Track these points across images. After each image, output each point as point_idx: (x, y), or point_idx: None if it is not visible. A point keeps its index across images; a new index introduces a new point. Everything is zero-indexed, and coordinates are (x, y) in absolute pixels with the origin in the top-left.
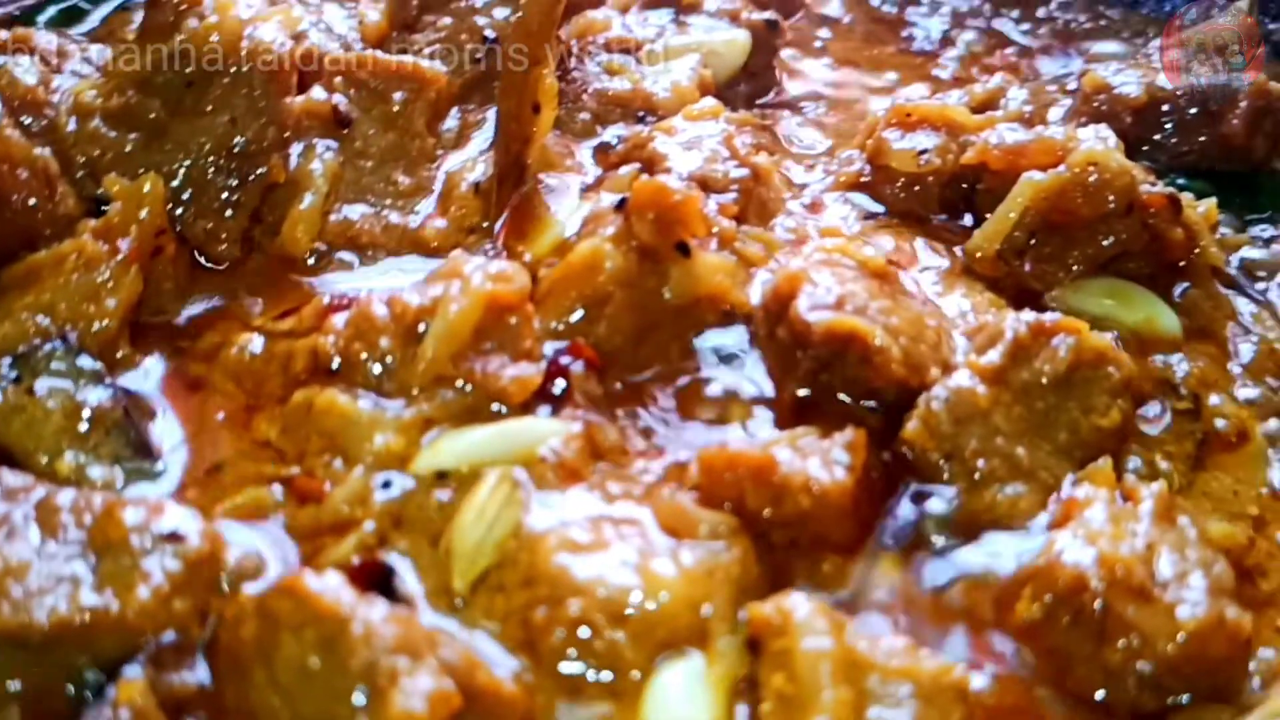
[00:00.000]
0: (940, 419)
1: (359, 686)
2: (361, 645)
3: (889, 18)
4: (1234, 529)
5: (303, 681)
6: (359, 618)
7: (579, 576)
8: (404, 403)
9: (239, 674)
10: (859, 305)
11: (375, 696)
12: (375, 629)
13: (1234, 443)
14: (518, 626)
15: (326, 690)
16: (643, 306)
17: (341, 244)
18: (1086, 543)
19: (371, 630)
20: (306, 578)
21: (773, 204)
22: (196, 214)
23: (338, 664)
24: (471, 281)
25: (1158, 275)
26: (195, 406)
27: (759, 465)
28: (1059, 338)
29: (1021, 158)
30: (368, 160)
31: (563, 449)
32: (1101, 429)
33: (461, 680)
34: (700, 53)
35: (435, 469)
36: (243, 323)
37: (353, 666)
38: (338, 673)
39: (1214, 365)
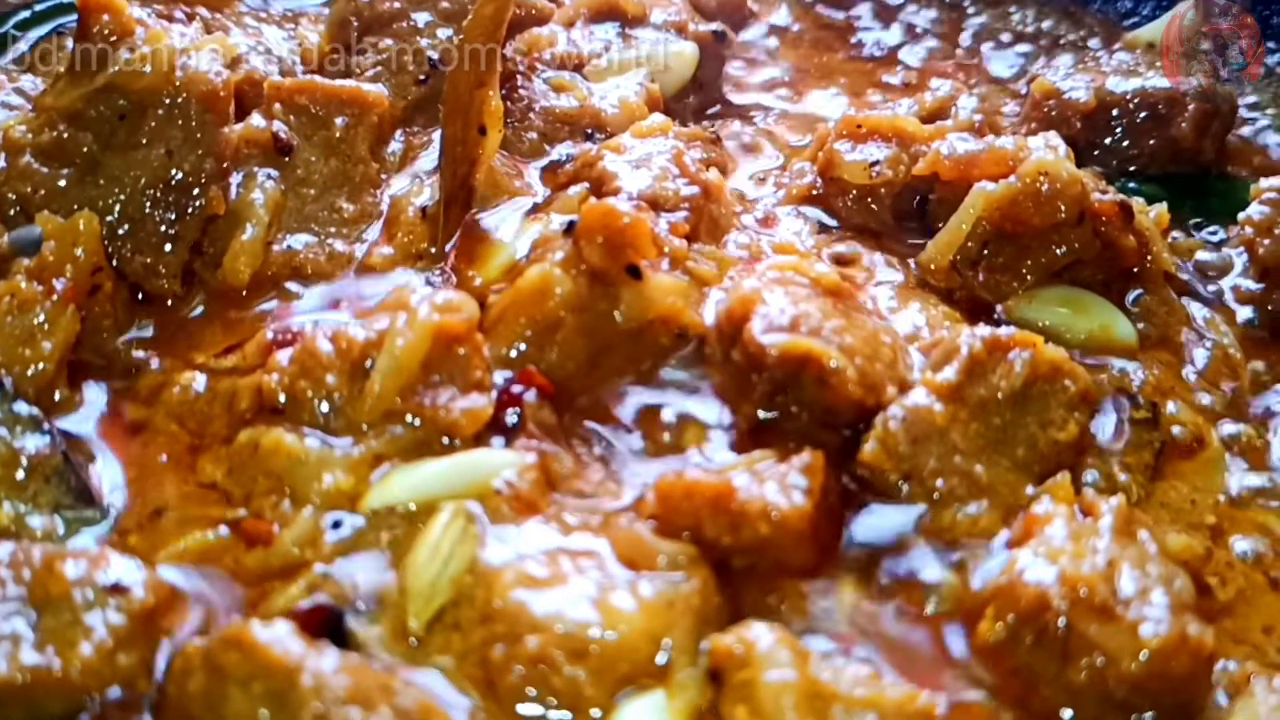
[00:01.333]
0: (897, 439)
1: None
2: (312, 697)
3: (837, 24)
4: (1192, 541)
5: None
6: (308, 669)
7: (537, 612)
8: (352, 440)
9: None
10: (813, 326)
11: None
12: (326, 680)
13: (1191, 450)
14: (476, 665)
15: None
16: (594, 331)
17: (286, 274)
18: (1048, 561)
19: (322, 681)
20: (253, 628)
21: (725, 220)
22: (134, 249)
23: (289, 718)
24: (418, 314)
25: (1111, 282)
26: (137, 448)
27: (716, 493)
28: (1015, 352)
29: (973, 168)
30: (310, 188)
31: (517, 480)
32: (1059, 443)
33: None
34: (647, 67)
35: (386, 506)
36: (185, 360)
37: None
38: None
39: (1169, 372)
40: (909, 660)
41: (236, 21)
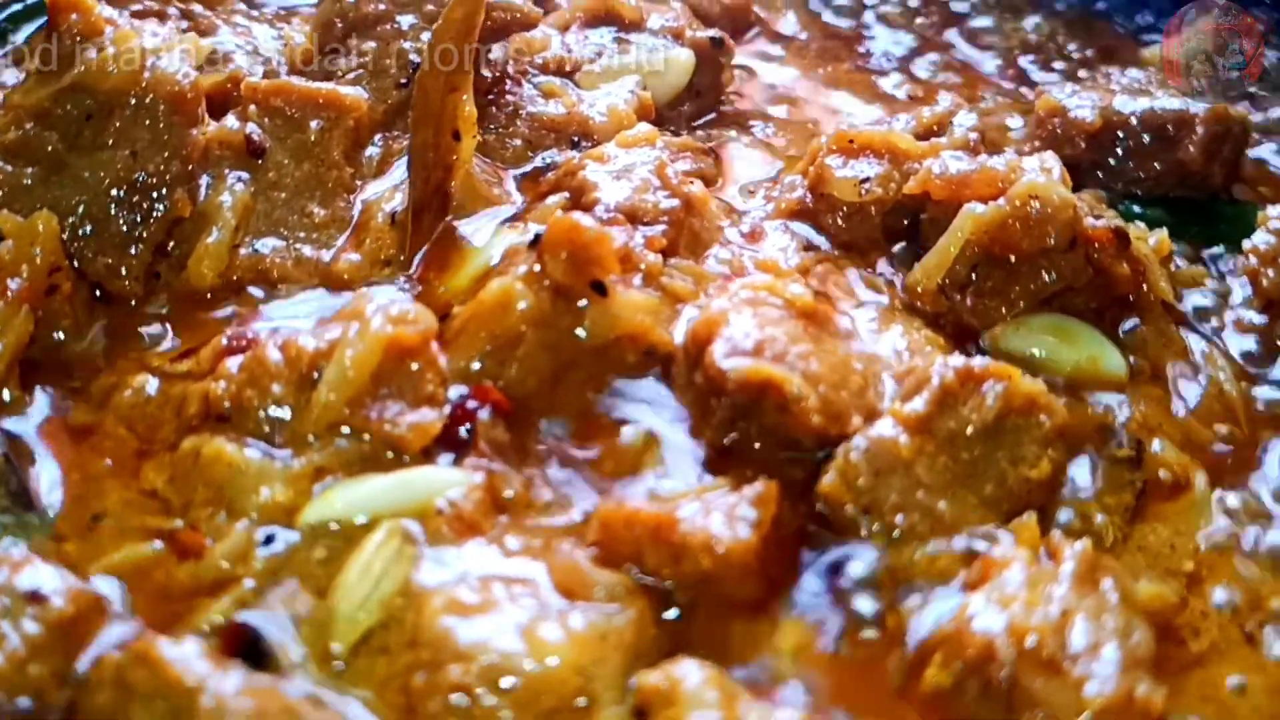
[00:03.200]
0: (858, 471)
1: None
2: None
3: (845, 34)
4: (1164, 589)
5: None
6: (210, 690)
7: (462, 640)
8: (294, 452)
9: None
10: (778, 351)
11: None
12: (226, 702)
13: (1174, 491)
14: (398, 692)
15: None
16: (557, 347)
17: (251, 279)
18: (999, 608)
19: (222, 704)
20: (161, 645)
21: (707, 234)
22: (97, 250)
23: None
24: (371, 324)
25: (1105, 310)
26: (83, 452)
27: (657, 524)
28: (988, 384)
29: (964, 188)
30: (281, 191)
31: (461, 501)
32: (1030, 480)
33: None
34: (640, 74)
35: (324, 521)
36: (141, 363)
37: None
38: None
39: (1158, 408)
40: (851, 704)
41: (226, 19)
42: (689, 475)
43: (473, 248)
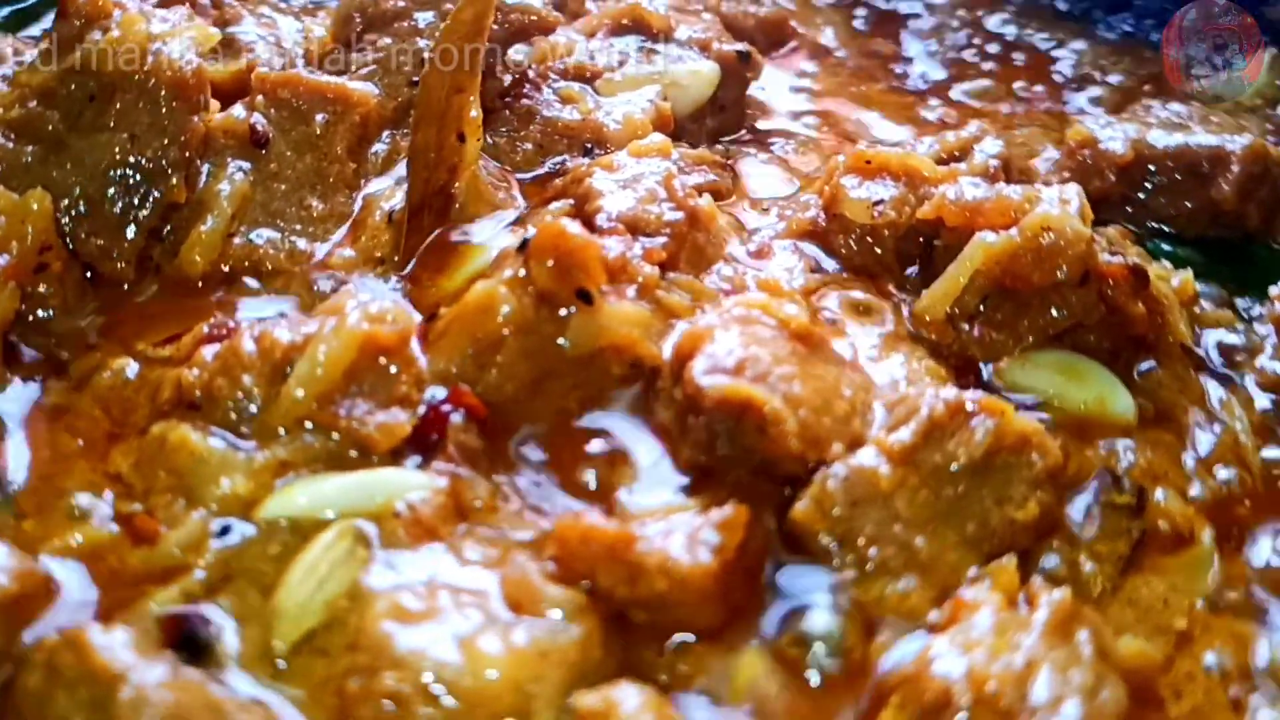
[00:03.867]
0: (834, 499)
1: None
2: (128, 711)
3: (884, 53)
4: (1149, 647)
5: None
6: (131, 681)
7: (400, 647)
8: (258, 445)
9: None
10: (760, 371)
11: None
12: (146, 695)
13: (1176, 544)
14: (334, 695)
15: None
16: (538, 355)
17: (244, 269)
18: (962, 652)
19: (142, 696)
20: (91, 631)
21: (711, 249)
22: (91, 231)
23: None
24: (347, 321)
25: (1119, 351)
26: (57, 431)
27: (615, 541)
28: (979, 419)
29: (978, 215)
30: (281, 183)
31: (421, 505)
32: (1015, 522)
33: None
34: (661, 84)
35: (281, 517)
36: (125, 346)
37: None
38: None
39: (1167, 455)
40: None
41: (253, 10)
42: (663, 494)
43: (471, 250)
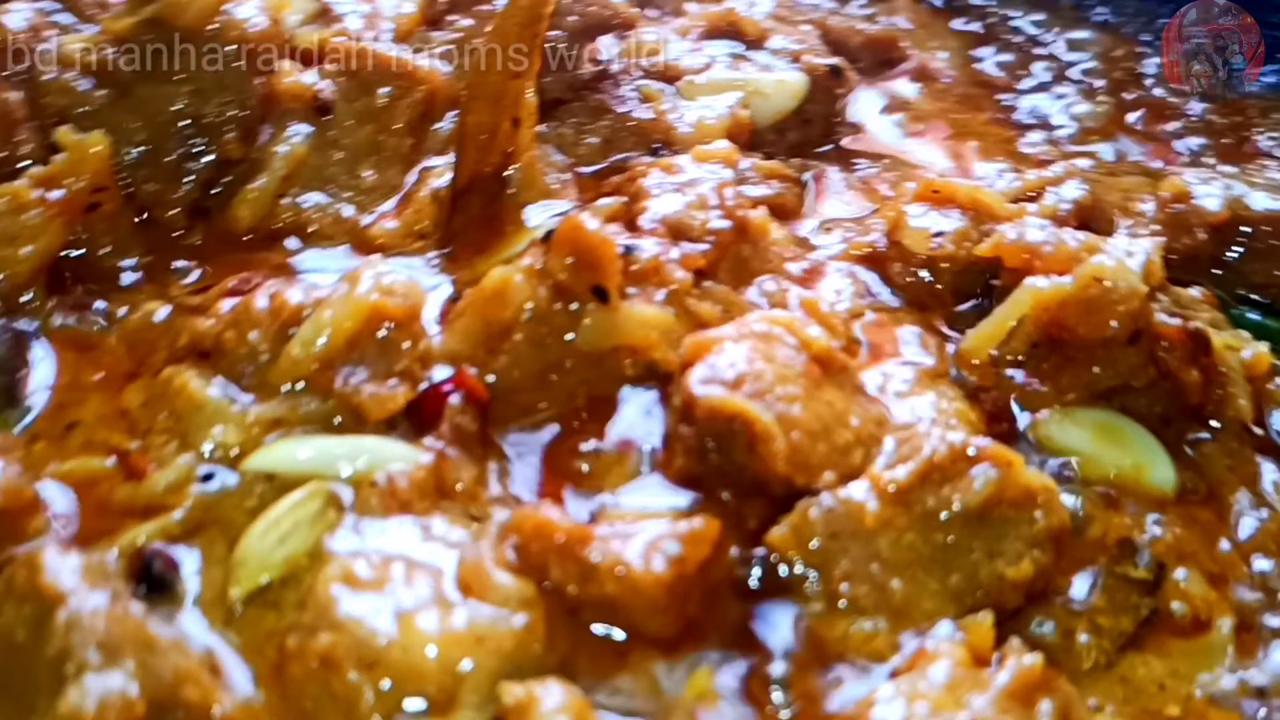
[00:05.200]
0: (814, 529)
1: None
2: (62, 631)
3: (995, 82)
4: None
5: (8, 653)
6: (70, 605)
7: (341, 611)
8: (256, 399)
9: None
10: (759, 388)
11: (55, 687)
12: (81, 619)
13: (1188, 630)
14: (275, 649)
15: (23, 667)
16: (547, 346)
17: (289, 229)
18: (905, 702)
19: (76, 620)
20: (46, 553)
21: (757, 262)
22: (147, 177)
23: (38, 645)
24: (357, 289)
25: (1172, 419)
26: (82, 363)
27: (569, 537)
28: (981, 467)
29: (1035, 258)
30: (338, 151)
31: (399, 477)
32: (1005, 579)
33: (161, 692)
34: (744, 91)
35: (263, 470)
36: (161, 291)
37: (47, 652)
38: (35, 653)
39: (1201, 536)
40: None
41: None
42: (647, 499)
43: (515, 235)
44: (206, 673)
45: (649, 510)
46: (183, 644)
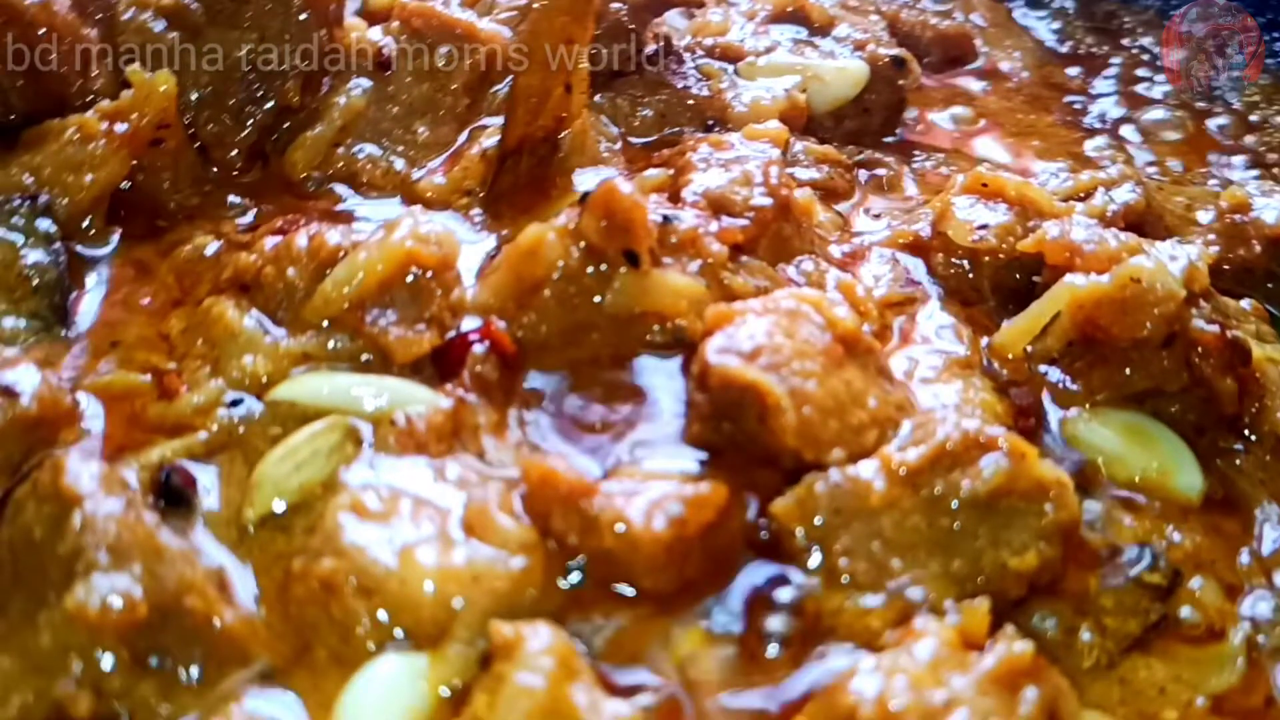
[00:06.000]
0: (819, 503)
1: (61, 568)
2: (76, 532)
3: (1067, 85)
4: None
5: (26, 549)
6: (86, 508)
7: (346, 539)
8: (288, 333)
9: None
10: (775, 361)
11: (65, 583)
12: (94, 522)
13: (1199, 638)
14: (282, 570)
15: (38, 563)
16: (575, 305)
17: (341, 178)
18: (884, 675)
19: (90, 521)
20: (69, 458)
21: (797, 242)
22: (210, 118)
23: (52, 543)
24: (393, 235)
25: (1206, 428)
26: (133, 289)
27: (572, 489)
28: (993, 456)
29: (1078, 257)
30: (395, 106)
31: (418, 419)
32: (1008, 569)
33: (165, 599)
34: (804, 76)
35: (288, 400)
36: (215, 227)
37: (61, 550)
38: (50, 551)
39: (1222, 546)
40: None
41: None
42: (665, 462)
43: (560, 199)
44: (212, 586)
45: (660, 472)
46: (191, 556)
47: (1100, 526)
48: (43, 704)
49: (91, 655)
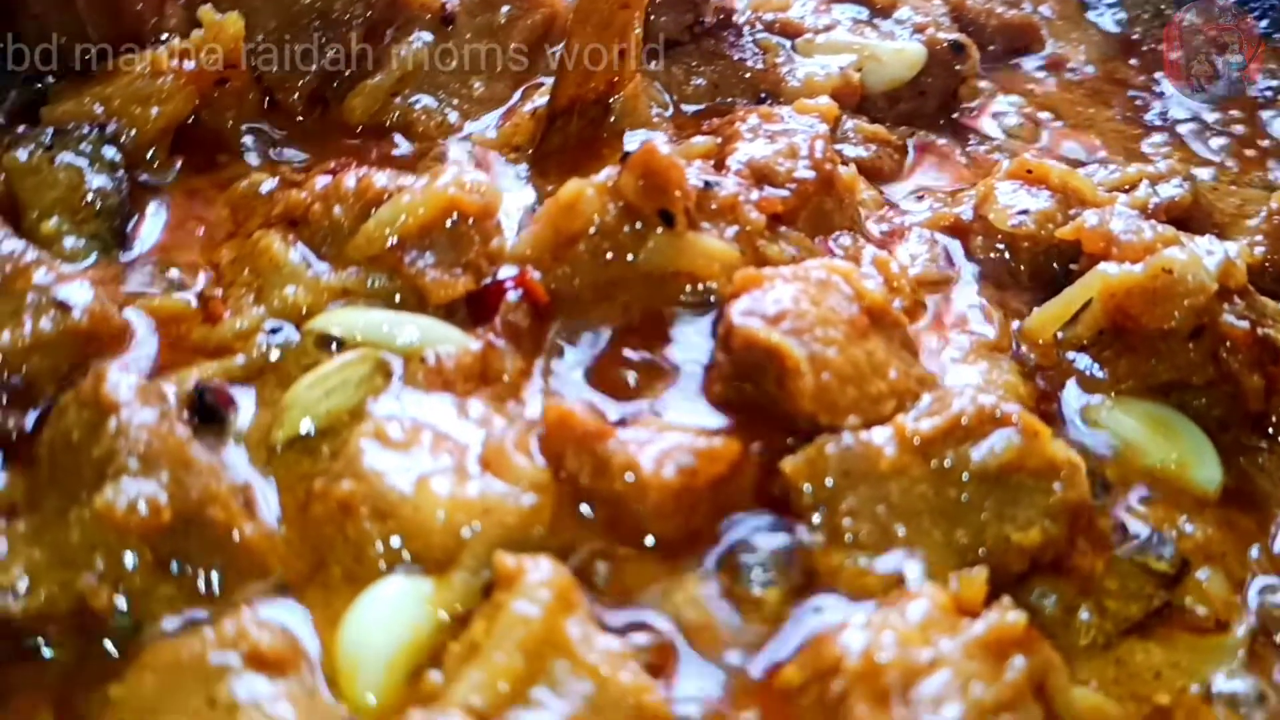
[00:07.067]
0: (828, 463)
1: (94, 470)
2: (110, 436)
3: (1132, 82)
4: (1110, 706)
5: (64, 450)
6: (122, 416)
7: (366, 463)
8: (331, 268)
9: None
10: (798, 327)
11: (96, 484)
12: (128, 429)
13: (1204, 629)
14: (304, 490)
15: (74, 464)
16: (609, 261)
17: (396, 127)
18: (874, 630)
19: (125, 428)
20: (110, 368)
21: (838, 217)
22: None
23: (88, 445)
24: (437, 181)
25: (1232, 424)
26: (189, 219)
27: (588, 431)
28: (1005, 431)
29: (1114, 246)
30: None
31: (447, 358)
32: (1010, 543)
33: (189, 507)
34: (860, 55)
35: (323, 331)
36: (272, 166)
37: (95, 452)
38: (85, 453)
39: (1234, 540)
40: (704, 673)
41: None
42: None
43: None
44: (236, 500)
45: (678, 425)
46: (218, 469)
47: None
48: (68, 596)
49: (116, 554)
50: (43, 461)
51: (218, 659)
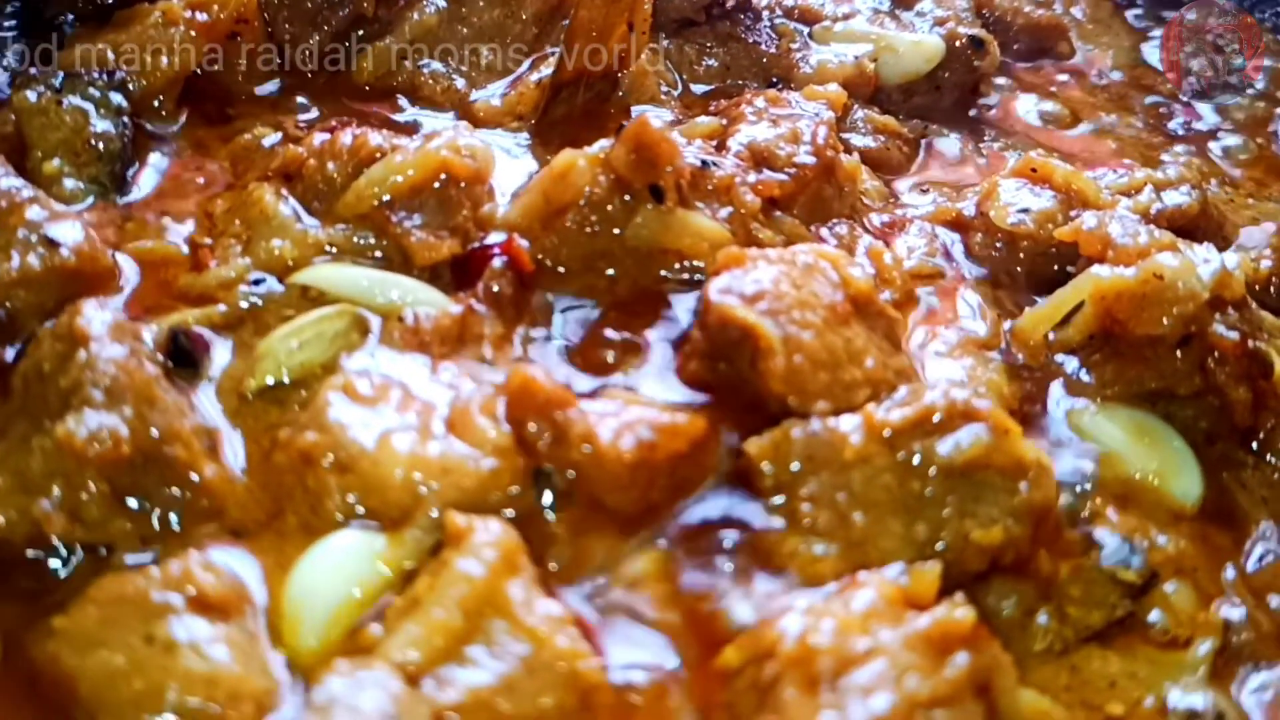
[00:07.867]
0: (793, 447)
1: (60, 400)
2: (78, 367)
3: (1159, 89)
4: (1058, 711)
5: (36, 379)
6: (92, 349)
7: (330, 416)
8: (320, 224)
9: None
10: (775, 308)
11: (60, 413)
12: (97, 361)
13: (1168, 642)
14: (269, 439)
15: (43, 393)
16: (596, 233)
17: (403, 89)
18: (814, 616)
19: (93, 360)
20: (87, 303)
21: (836, 204)
22: (287, 19)
23: (56, 376)
24: (431, 143)
25: (1218, 438)
26: (190, 168)
27: (549, 399)
28: (976, 427)
29: (1110, 249)
30: (465, 27)
31: (425, 320)
32: (969, 541)
33: (150, 444)
34: (876, 46)
35: (307, 284)
36: (277, 120)
37: (62, 383)
38: (53, 383)
39: (1208, 556)
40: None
41: None
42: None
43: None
44: (200, 441)
45: (646, 399)
46: (184, 409)
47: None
48: (25, 522)
49: (74, 483)
50: (16, 391)
51: (160, 598)
